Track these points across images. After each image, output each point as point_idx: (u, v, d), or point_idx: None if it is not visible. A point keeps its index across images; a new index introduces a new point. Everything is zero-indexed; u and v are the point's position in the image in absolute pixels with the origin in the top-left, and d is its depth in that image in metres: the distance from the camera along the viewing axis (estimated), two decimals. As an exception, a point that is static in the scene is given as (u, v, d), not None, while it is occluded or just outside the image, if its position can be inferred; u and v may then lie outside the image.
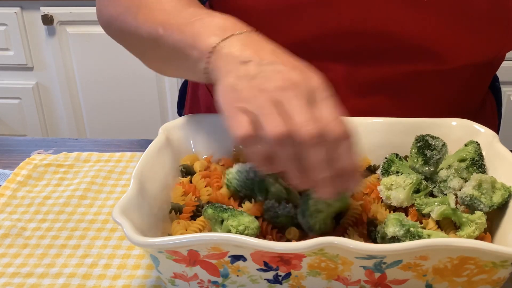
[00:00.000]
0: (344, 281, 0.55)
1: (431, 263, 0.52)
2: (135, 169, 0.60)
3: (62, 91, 2.16)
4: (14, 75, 2.15)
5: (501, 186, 0.60)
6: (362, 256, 0.51)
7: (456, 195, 0.62)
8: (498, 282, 0.54)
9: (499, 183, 0.60)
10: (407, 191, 0.61)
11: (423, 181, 0.63)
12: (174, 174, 0.68)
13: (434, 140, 0.65)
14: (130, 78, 2.05)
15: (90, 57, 2.06)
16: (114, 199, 0.78)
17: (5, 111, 2.20)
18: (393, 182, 0.62)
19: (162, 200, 0.63)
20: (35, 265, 0.66)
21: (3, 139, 0.93)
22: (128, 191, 0.57)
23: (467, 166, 0.64)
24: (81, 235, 0.71)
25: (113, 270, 0.65)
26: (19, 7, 2.02)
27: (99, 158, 0.87)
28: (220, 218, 0.57)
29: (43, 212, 0.75)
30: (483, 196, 0.59)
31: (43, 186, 0.81)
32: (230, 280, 0.56)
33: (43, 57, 2.11)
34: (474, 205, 0.59)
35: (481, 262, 0.52)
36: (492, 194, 0.59)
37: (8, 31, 2.05)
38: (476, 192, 0.59)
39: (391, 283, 0.54)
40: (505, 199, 0.59)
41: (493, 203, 0.59)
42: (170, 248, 0.53)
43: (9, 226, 0.72)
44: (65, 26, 2.03)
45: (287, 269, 0.54)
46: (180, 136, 0.71)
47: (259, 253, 0.52)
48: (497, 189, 0.60)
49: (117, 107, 2.15)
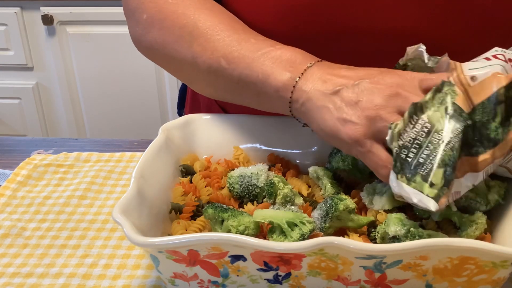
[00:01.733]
0: (344, 281, 0.55)
1: (431, 263, 0.52)
2: (135, 169, 0.60)
3: (62, 91, 2.16)
4: (14, 75, 2.15)
5: (495, 184, 0.60)
6: (362, 256, 0.51)
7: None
8: (498, 282, 0.54)
9: (493, 181, 0.60)
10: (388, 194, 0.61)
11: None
12: (174, 174, 0.68)
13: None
14: (130, 78, 2.06)
15: (90, 57, 2.06)
16: (114, 199, 0.78)
17: (5, 111, 2.20)
18: (375, 187, 0.62)
19: (162, 200, 0.63)
20: (35, 265, 0.66)
21: (3, 139, 0.93)
22: (128, 191, 0.57)
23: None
24: (81, 235, 0.71)
25: (113, 270, 0.65)
26: (19, 7, 2.03)
27: (99, 158, 0.87)
28: (220, 218, 0.57)
29: (43, 212, 0.76)
30: (478, 196, 0.59)
31: (43, 186, 0.81)
32: (230, 280, 0.56)
33: (43, 57, 2.11)
34: (471, 205, 0.59)
35: (481, 262, 0.52)
36: (487, 192, 0.60)
37: (8, 31, 2.05)
38: (471, 193, 0.59)
39: (391, 283, 0.54)
40: (502, 195, 0.59)
41: (489, 200, 0.59)
42: (170, 248, 0.53)
43: (9, 226, 0.72)
44: (65, 26, 2.03)
45: (287, 269, 0.54)
46: (180, 136, 0.71)
47: (259, 253, 0.52)
48: (492, 187, 0.60)
49: (117, 107, 2.15)
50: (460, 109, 0.54)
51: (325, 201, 0.58)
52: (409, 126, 0.55)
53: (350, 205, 0.58)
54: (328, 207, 0.57)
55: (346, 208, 0.58)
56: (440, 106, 0.55)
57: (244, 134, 0.73)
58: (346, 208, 0.57)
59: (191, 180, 0.67)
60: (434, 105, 0.55)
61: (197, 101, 1.01)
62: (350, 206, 0.58)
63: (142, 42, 0.77)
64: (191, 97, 1.03)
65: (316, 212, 0.59)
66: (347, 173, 0.66)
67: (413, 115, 0.55)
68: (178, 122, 0.71)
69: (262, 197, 0.63)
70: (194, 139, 0.72)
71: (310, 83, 0.61)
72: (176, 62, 0.73)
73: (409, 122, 0.55)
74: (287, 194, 0.61)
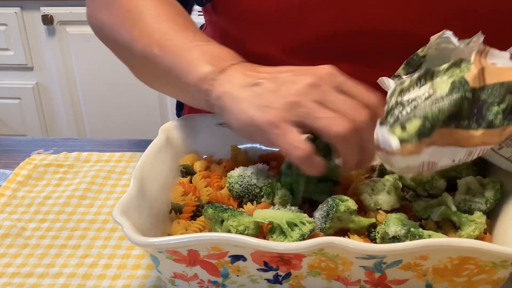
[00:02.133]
0: (344, 281, 0.55)
1: (431, 263, 0.52)
2: (135, 169, 0.60)
3: (62, 91, 2.16)
4: (14, 75, 2.15)
5: (489, 181, 0.60)
6: (362, 256, 0.51)
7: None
8: (498, 282, 0.54)
9: (486, 179, 0.61)
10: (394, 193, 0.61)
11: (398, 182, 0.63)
12: (174, 174, 0.68)
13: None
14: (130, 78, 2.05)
15: (90, 57, 2.06)
16: (114, 199, 0.78)
17: (5, 111, 2.20)
18: (372, 187, 0.62)
19: (162, 200, 0.63)
20: (35, 265, 0.66)
21: (3, 139, 0.93)
22: (128, 191, 0.57)
23: (467, 167, 0.64)
24: (81, 235, 0.71)
25: (113, 270, 0.65)
26: (19, 7, 2.03)
27: (99, 158, 0.87)
28: (220, 218, 0.57)
29: (43, 212, 0.76)
30: (475, 197, 0.59)
31: (43, 186, 0.81)
32: (230, 280, 0.56)
33: (43, 57, 2.11)
34: (471, 207, 0.59)
35: (481, 262, 0.52)
36: (483, 191, 0.60)
37: (8, 31, 2.05)
38: (468, 195, 0.60)
39: (391, 283, 0.54)
40: (498, 190, 0.59)
41: (487, 198, 0.59)
42: (170, 248, 0.53)
43: (9, 226, 0.72)
44: (65, 26, 2.03)
45: (287, 269, 0.54)
46: (180, 136, 0.71)
47: (259, 253, 0.52)
48: (487, 185, 0.60)
49: (117, 107, 2.15)
50: (465, 81, 0.53)
51: (326, 202, 0.58)
52: (414, 87, 0.55)
53: (352, 206, 0.58)
54: (329, 207, 0.57)
55: (347, 209, 0.57)
56: (450, 78, 0.54)
57: (244, 134, 0.73)
58: (347, 209, 0.57)
59: (191, 180, 0.67)
60: (445, 75, 0.54)
61: None
62: (351, 207, 0.58)
63: (93, 21, 0.79)
64: None
65: (317, 212, 0.59)
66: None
67: (422, 79, 0.55)
68: (178, 122, 0.71)
69: (261, 197, 0.63)
70: (194, 139, 0.72)
71: (230, 78, 0.61)
72: (117, 45, 0.75)
73: (415, 83, 0.55)
74: (284, 193, 0.61)
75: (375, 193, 0.61)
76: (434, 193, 0.63)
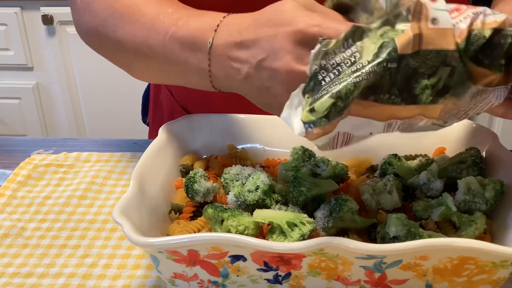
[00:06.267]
0: (344, 281, 0.55)
1: (431, 263, 0.52)
2: (135, 169, 0.60)
3: (62, 91, 2.17)
4: (14, 75, 2.15)
5: (489, 181, 0.60)
6: (362, 256, 0.51)
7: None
8: (498, 282, 0.54)
9: (486, 179, 0.61)
10: (395, 193, 0.61)
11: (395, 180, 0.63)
12: (174, 174, 0.68)
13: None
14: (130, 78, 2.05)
15: (90, 57, 2.05)
16: (114, 199, 0.78)
17: (5, 111, 2.20)
18: (373, 188, 0.62)
19: (162, 200, 0.63)
20: (35, 265, 0.66)
21: (3, 139, 0.93)
22: (128, 191, 0.57)
23: (467, 167, 0.64)
24: (81, 235, 0.71)
25: (113, 270, 0.65)
26: (19, 7, 2.03)
27: (99, 158, 0.87)
28: (220, 218, 0.57)
29: (43, 212, 0.76)
30: (476, 197, 0.59)
31: (43, 186, 0.81)
32: (230, 280, 0.56)
33: (43, 57, 2.11)
34: (471, 208, 0.59)
35: (481, 262, 0.52)
36: (483, 191, 0.60)
37: (8, 31, 2.05)
38: (468, 196, 0.60)
39: (391, 283, 0.54)
40: (498, 190, 0.59)
41: (487, 199, 0.59)
42: (170, 248, 0.53)
43: (9, 226, 0.72)
44: (65, 26, 2.03)
45: (287, 269, 0.54)
46: (180, 136, 0.71)
47: (259, 253, 0.52)
48: (487, 185, 0.60)
49: (117, 107, 2.15)
50: (393, 47, 0.46)
51: (329, 201, 0.58)
52: (340, 49, 0.48)
53: (354, 206, 0.58)
54: (331, 207, 0.57)
55: (350, 209, 0.58)
56: (380, 39, 0.47)
57: (243, 134, 0.73)
58: (349, 209, 0.57)
59: (191, 180, 0.67)
60: (375, 36, 0.48)
61: (159, 106, 0.99)
62: (353, 207, 0.58)
63: (79, 28, 0.73)
64: (154, 104, 1.02)
65: (319, 212, 0.59)
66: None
67: (349, 39, 0.48)
68: (178, 122, 0.72)
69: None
70: (194, 139, 0.72)
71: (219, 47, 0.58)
72: (107, 44, 0.69)
73: (342, 44, 0.48)
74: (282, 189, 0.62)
75: (377, 193, 0.61)
76: (431, 195, 0.63)
